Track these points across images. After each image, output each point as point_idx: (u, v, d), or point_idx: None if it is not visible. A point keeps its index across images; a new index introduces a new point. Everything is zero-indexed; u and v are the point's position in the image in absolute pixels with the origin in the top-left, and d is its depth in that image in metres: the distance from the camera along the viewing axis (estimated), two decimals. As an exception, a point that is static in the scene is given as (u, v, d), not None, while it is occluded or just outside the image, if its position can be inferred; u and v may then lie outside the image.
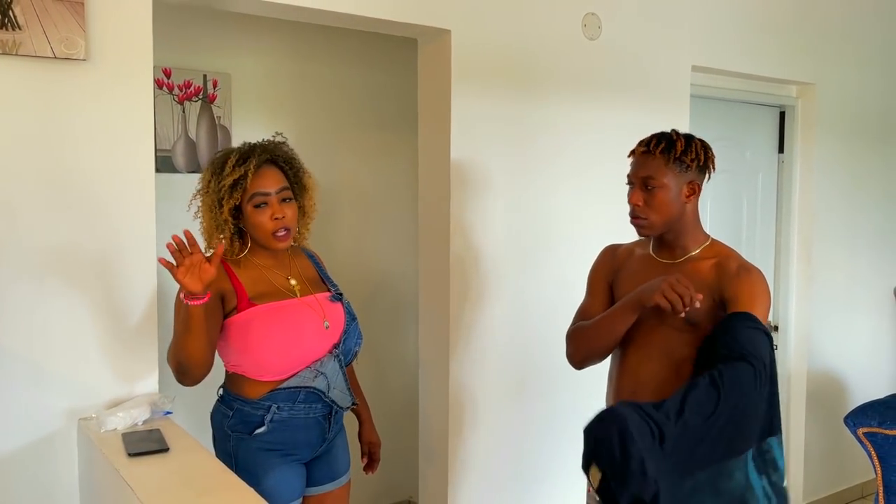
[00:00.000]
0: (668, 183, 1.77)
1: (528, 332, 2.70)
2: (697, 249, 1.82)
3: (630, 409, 1.43)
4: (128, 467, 1.52)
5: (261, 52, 3.07)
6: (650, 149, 1.79)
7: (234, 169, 1.78)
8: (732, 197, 3.53)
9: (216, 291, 1.75)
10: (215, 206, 1.80)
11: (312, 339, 1.85)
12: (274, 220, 1.80)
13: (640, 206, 1.80)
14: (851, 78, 3.72)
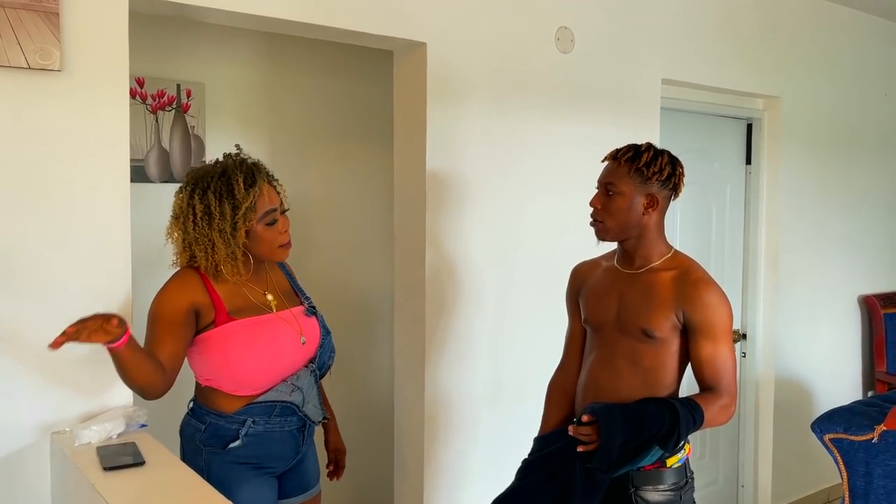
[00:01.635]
0: (626, 191, 1.82)
1: (503, 342, 2.72)
2: (659, 261, 1.86)
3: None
4: (103, 481, 1.50)
5: (235, 61, 3.06)
6: (617, 156, 1.85)
7: (248, 192, 1.75)
8: (701, 207, 3.59)
9: (191, 305, 1.74)
10: (229, 234, 1.74)
11: (290, 354, 1.85)
12: (283, 233, 1.82)
13: (598, 208, 1.87)
14: (815, 91, 3.82)
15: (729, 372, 1.78)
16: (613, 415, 1.73)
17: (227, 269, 1.78)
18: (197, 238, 1.76)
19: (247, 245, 1.80)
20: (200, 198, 1.75)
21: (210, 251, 1.76)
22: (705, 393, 1.79)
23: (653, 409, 1.74)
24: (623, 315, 1.85)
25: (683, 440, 1.77)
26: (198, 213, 1.75)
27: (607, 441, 1.70)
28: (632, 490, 1.80)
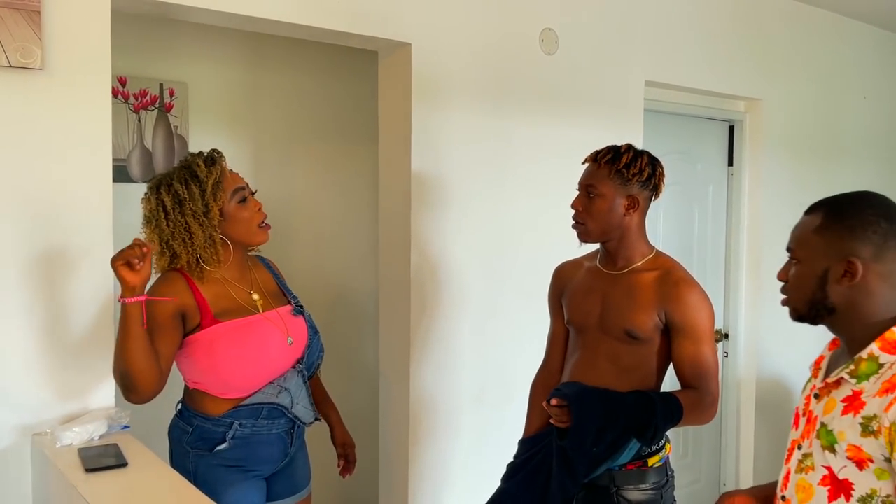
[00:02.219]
0: (607, 193, 1.83)
1: (487, 341, 2.73)
2: (641, 261, 1.87)
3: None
4: (86, 483, 1.49)
5: (219, 61, 3.05)
6: (597, 158, 1.86)
7: (210, 169, 1.76)
8: (684, 208, 3.62)
9: (177, 308, 1.73)
10: (202, 215, 1.74)
11: (277, 355, 1.84)
12: (258, 212, 1.82)
13: (579, 211, 1.88)
14: (795, 94, 3.86)
15: (711, 371, 1.80)
16: (585, 394, 1.75)
17: (208, 257, 1.76)
18: (173, 232, 1.75)
19: (225, 230, 1.79)
20: (167, 191, 1.75)
21: (188, 241, 1.75)
22: (687, 391, 1.80)
23: (630, 399, 1.75)
24: (606, 316, 1.86)
25: (661, 434, 1.77)
26: (167, 206, 1.75)
27: (579, 418, 1.71)
28: (613, 490, 1.81)
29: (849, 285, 1.27)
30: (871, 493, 1.20)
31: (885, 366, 1.24)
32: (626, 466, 1.81)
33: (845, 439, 1.23)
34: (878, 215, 1.27)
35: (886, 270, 1.27)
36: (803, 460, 1.31)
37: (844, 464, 1.23)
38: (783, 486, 1.37)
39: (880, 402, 1.20)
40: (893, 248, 1.26)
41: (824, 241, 1.30)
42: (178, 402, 1.88)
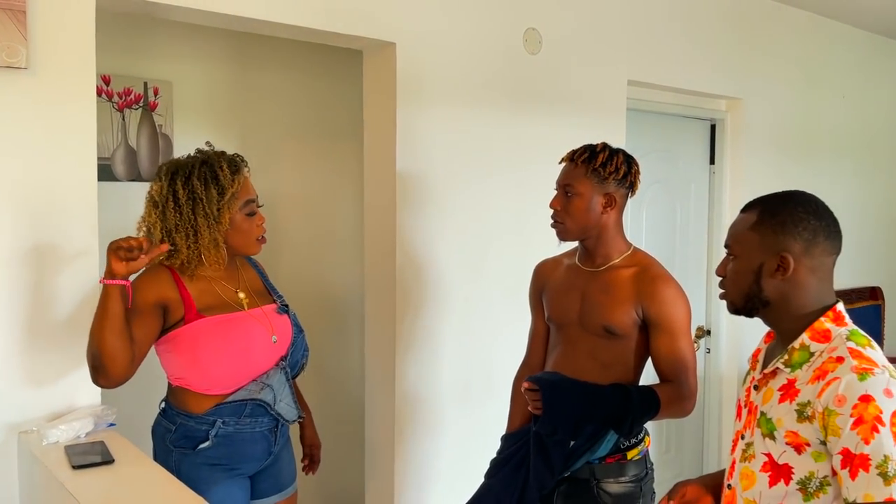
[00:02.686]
0: (584, 192, 1.86)
1: (472, 338, 2.75)
2: (619, 258, 1.91)
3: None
4: (72, 480, 1.50)
5: (203, 60, 3.05)
6: (574, 158, 1.89)
7: (234, 178, 1.78)
8: (666, 206, 3.66)
9: (159, 300, 1.74)
10: (213, 219, 1.76)
11: (260, 352, 1.85)
12: (259, 226, 1.85)
13: (558, 210, 1.91)
14: (775, 93, 3.91)
15: (688, 365, 1.84)
16: (559, 382, 1.79)
17: (209, 258, 1.79)
18: (178, 225, 1.75)
19: (225, 235, 1.81)
20: (183, 184, 1.76)
21: (192, 237, 1.76)
22: (664, 384, 1.84)
23: (607, 391, 1.78)
24: (585, 312, 1.89)
25: (638, 426, 1.81)
26: (181, 199, 1.75)
27: (550, 404, 1.75)
28: (594, 483, 1.85)
29: (781, 279, 1.34)
30: (809, 476, 1.27)
31: (815, 354, 1.31)
32: (606, 459, 1.84)
33: (783, 426, 1.29)
34: (807, 213, 1.35)
35: (815, 264, 1.34)
36: (746, 449, 1.37)
37: (784, 449, 1.29)
38: (729, 475, 1.43)
39: (813, 389, 1.26)
40: (822, 244, 1.34)
41: (759, 237, 1.36)
42: (162, 401, 1.89)
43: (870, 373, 1.21)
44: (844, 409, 1.20)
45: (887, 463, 1.16)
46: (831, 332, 1.32)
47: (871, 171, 4.61)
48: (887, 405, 1.18)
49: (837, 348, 1.28)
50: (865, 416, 1.18)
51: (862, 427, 1.18)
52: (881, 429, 1.17)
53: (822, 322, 1.33)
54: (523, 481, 1.84)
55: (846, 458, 1.19)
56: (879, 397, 1.19)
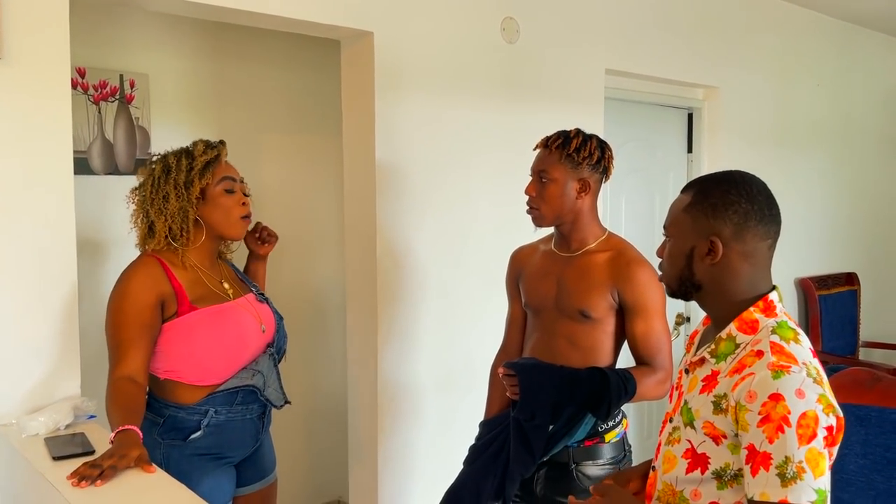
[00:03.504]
0: (558, 177, 1.88)
1: (453, 327, 2.77)
2: (594, 243, 1.92)
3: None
4: (53, 470, 1.49)
5: (180, 52, 3.03)
6: (548, 144, 1.91)
7: (205, 151, 1.80)
8: (645, 195, 3.69)
9: (158, 299, 1.74)
10: (183, 187, 1.76)
11: (252, 340, 1.86)
12: (241, 205, 1.84)
13: (533, 196, 1.92)
14: (751, 82, 3.95)
15: (663, 347, 1.86)
16: (535, 367, 1.80)
17: (177, 230, 1.77)
18: (153, 199, 1.78)
19: (203, 212, 1.80)
20: (162, 160, 1.81)
21: (163, 207, 1.77)
22: (640, 366, 1.86)
23: (584, 374, 1.80)
24: (561, 297, 1.91)
25: (616, 408, 1.81)
26: (156, 175, 1.79)
27: (527, 388, 1.77)
28: (573, 466, 1.87)
29: (711, 263, 1.30)
30: (724, 467, 1.25)
31: (740, 346, 1.27)
32: (585, 443, 1.87)
33: (701, 416, 1.27)
34: (740, 195, 1.29)
35: (748, 250, 1.29)
36: (672, 433, 1.35)
37: (703, 439, 1.27)
38: (655, 457, 1.42)
39: (729, 382, 1.24)
40: (753, 228, 1.29)
41: (691, 219, 1.32)
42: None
43: (785, 371, 1.18)
44: (754, 406, 1.17)
45: (787, 464, 1.14)
46: (759, 323, 1.28)
47: (845, 158, 4.67)
48: (797, 406, 1.15)
49: (761, 341, 1.25)
50: (773, 415, 1.15)
51: (768, 426, 1.15)
52: (787, 429, 1.14)
53: (752, 312, 1.29)
54: (503, 467, 1.86)
55: (750, 454, 1.17)
56: (790, 397, 1.16)
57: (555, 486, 1.87)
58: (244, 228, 1.88)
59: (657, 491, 1.37)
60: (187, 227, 1.79)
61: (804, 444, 1.14)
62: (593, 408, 1.78)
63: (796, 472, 1.13)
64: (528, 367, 1.80)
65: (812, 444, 1.14)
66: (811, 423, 1.15)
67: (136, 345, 1.70)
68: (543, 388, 1.76)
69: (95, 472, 1.41)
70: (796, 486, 1.13)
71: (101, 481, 1.41)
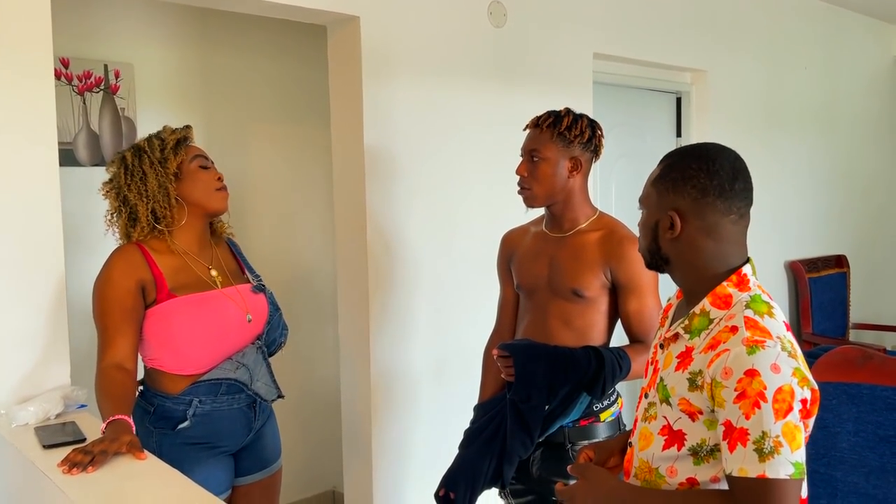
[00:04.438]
0: (550, 156, 1.86)
1: (445, 314, 2.76)
2: (585, 223, 1.92)
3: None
4: (44, 459, 1.48)
5: (165, 41, 3.00)
6: (539, 123, 1.89)
7: (174, 131, 1.81)
8: (635, 179, 3.66)
9: (138, 284, 1.73)
10: (159, 164, 1.75)
11: (234, 331, 1.83)
12: (217, 178, 1.83)
13: (525, 176, 1.90)
14: (739, 65, 3.96)
15: (656, 325, 1.84)
16: (530, 347, 1.79)
17: (161, 210, 1.76)
18: (129, 184, 1.75)
19: (181, 190, 1.79)
20: (131, 148, 1.81)
21: (143, 188, 1.75)
22: (635, 344, 1.86)
23: (578, 353, 1.79)
24: (554, 277, 1.90)
25: (611, 386, 1.81)
26: (128, 161, 1.77)
27: (522, 369, 1.76)
28: (569, 446, 1.87)
29: (673, 238, 1.29)
30: (700, 443, 1.24)
31: (714, 321, 1.26)
32: (580, 422, 1.86)
33: (677, 393, 1.26)
34: (699, 169, 1.27)
35: (707, 225, 1.27)
36: (648, 409, 1.34)
37: (679, 416, 1.27)
38: (632, 434, 1.42)
39: (704, 358, 1.23)
40: (712, 204, 1.26)
41: (656, 192, 1.32)
42: (140, 382, 1.86)
43: (760, 346, 1.17)
44: (730, 382, 1.17)
45: (764, 439, 1.13)
46: (732, 298, 1.27)
47: (833, 140, 4.68)
48: (772, 381, 1.15)
49: (735, 316, 1.24)
50: (749, 391, 1.14)
51: (744, 402, 1.15)
52: (763, 405, 1.14)
53: (725, 287, 1.27)
54: (500, 449, 1.85)
55: (727, 430, 1.17)
56: (765, 372, 1.15)
57: (551, 466, 1.87)
58: (225, 201, 1.87)
59: (634, 467, 1.36)
60: (169, 206, 1.78)
61: (780, 418, 1.14)
62: (588, 387, 1.77)
63: (773, 446, 1.13)
64: (523, 347, 1.80)
65: (788, 417, 1.14)
66: (787, 398, 1.15)
67: (121, 331, 1.69)
68: (538, 368, 1.76)
69: (87, 459, 1.40)
70: (774, 461, 1.13)
71: (93, 467, 1.40)
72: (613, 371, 1.77)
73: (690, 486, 1.27)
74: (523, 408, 1.79)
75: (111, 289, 1.71)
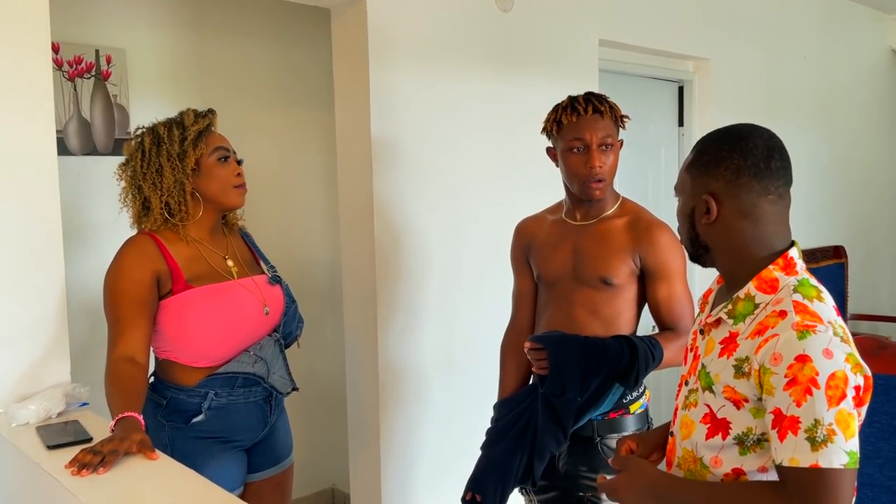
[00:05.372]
0: (615, 143, 1.82)
1: (454, 305, 2.69)
2: (611, 209, 1.85)
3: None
4: (49, 460, 1.39)
5: (158, 25, 2.89)
6: (600, 110, 1.79)
7: (196, 120, 1.72)
8: (638, 169, 3.63)
9: (153, 275, 1.66)
10: (177, 159, 1.68)
11: (251, 323, 1.77)
12: (236, 175, 1.76)
13: (603, 168, 1.79)
14: (740, 54, 3.91)
15: (686, 312, 1.79)
16: (563, 339, 1.72)
17: (175, 205, 1.70)
18: (145, 173, 1.69)
19: (198, 184, 1.73)
20: (150, 132, 1.73)
21: (158, 181, 1.69)
22: (665, 332, 1.79)
23: (610, 343, 1.72)
24: (580, 265, 1.83)
25: (644, 376, 1.74)
26: (146, 147, 1.70)
27: (556, 362, 1.69)
28: (597, 440, 1.80)
29: (709, 223, 1.25)
30: (746, 432, 1.19)
31: (760, 306, 1.22)
32: (609, 415, 1.80)
33: (721, 381, 1.22)
34: (732, 150, 1.23)
35: (744, 207, 1.23)
36: (689, 396, 1.30)
37: (723, 403, 1.22)
38: (673, 423, 1.37)
39: (751, 344, 1.18)
40: (747, 184, 1.22)
41: (690, 178, 1.28)
42: (150, 375, 1.78)
43: (811, 331, 1.12)
44: (779, 369, 1.12)
45: (817, 427, 1.08)
46: (779, 282, 1.22)
47: (831, 131, 4.66)
48: (825, 366, 1.10)
49: (782, 300, 1.19)
50: (800, 377, 1.10)
51: (795, 388, 1.10)
52: (815, 391, 1.09)
53: (771, 270, 1.22)
54: (530, 446, 1.78)
55: (777, 418, 1.12)
56: (817, 358, 1.10)
57: (579, 460, 1.81)
58: (242, 196, 1.80)
59: (676, 457, 1.32)
60: (185, 201, 1.71)
61: (834, 405, 1.09)
62: (622, 377, 1.71)
63: (826, 434, 1.08)
64: (556, 339, 1.72)
65: (841, 405, 1.09)
66: (840, 384, 1.10)
67: (134, 323, 1.62)
68: (572, 360, 1.68)
69: (97, 459, 1.32)
70: (827, 450, 1.08)
71: (104, 468, 1.32)
72: (647, 360, 1.70)
73: (736, 477, 1.21)
74: (557, 402, 1.71)
75: (125, 280, 1.64)
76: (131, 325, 1.62)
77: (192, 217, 1.73)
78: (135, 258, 1.67)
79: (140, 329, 1.62)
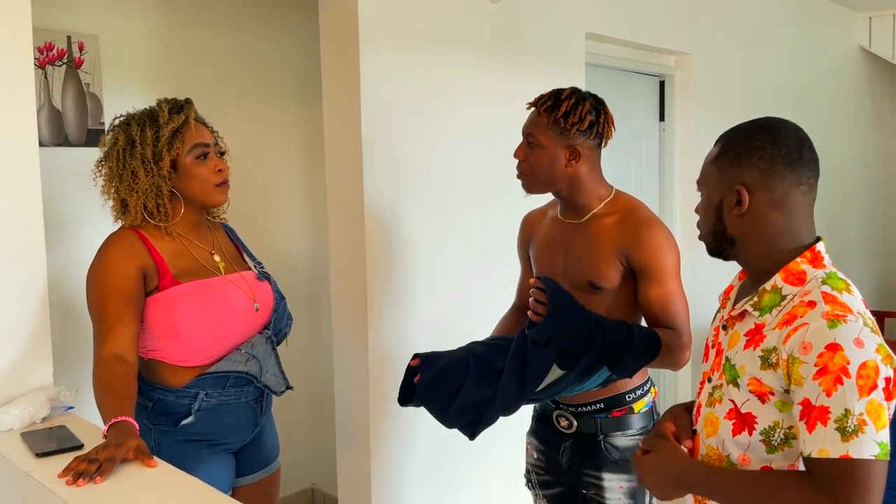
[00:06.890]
0: (546, 144, 1.72)
1: (444, 302, 2.64)
2: (600, 205, 1.77)
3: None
4: (38, 468, 1.31)
5: (132, 12, 2.78)
6: (537, 105, 1.75)
7: (171, 117, 1.63)
8: (620, 164, 3.62)
9: (139, 270, 1.59)
10: (152, 161, 1.60)
11: (242, 321, 1.70)
12: (217, 172, 1.67)
13: (521, 161, 1.76)
14: (722, 50, 3.93)
15: (681, 311, 1.72)
16: (569, 298, 1.63)
17: (152, 207, 1.63)
18: (120, 175, 1.62)
19: (178, 184, 1.66)
20: (125, 130, 1.64)
21: (133, 184, 1.61)
22: (664, 329, 1.71)
23: (610, 323, 1.64)
24: (570, 269, 1.78)
25: (633, 364, 1.66)
26: (120, 146, 1.62)
27: (554, 311, 1.59)
28: (601, 437, 1.77)
29: (740, 215, 1.24)
30: (773, 426, 1.18)
31: (787, 297, 1.20)
32: (613, 413, 1.76)
33: (746, 373, 1.20)
34: (765, 140, 1.23)
35: (777, 197, 1.22)
36: (713, 393, 1.28)
37: (747, 397, 1.20)
38: (695, 421, 1.34)
39: (779, 334, 1.17)
40: (781, 173, 1.21)
41: (718, 170, 1.26)
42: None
43: (842, 320, 1.11)
44: (809, 358, 1.10)
45: (847, 417, 1.06)
46: (807, 274, 1.21)
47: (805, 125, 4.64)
48: (856, 356, 1.08)
49: (811, 292, 1.17)
50: (830, 367, 1.08)
51: (825, 378, 1.08)
52: (846, 381, 1.07)
53: (798, 263, 1.21)
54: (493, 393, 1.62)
55: (805, 409, 1.10)
56: (848, 347, 1.09)
57: (582, 457, 1.77)
58: (224, 194, 1.73)
59: (700, 455, 1.30)
60: (163, 203, 1.64)
61: (865, 395, 1.08)
62: (611, 360, 1.62)
63: (857, 424, 1.07)
64: (564, 293, 1.63)
65: (872, 395, 1.08)
66: (871, 374, 1.09)
67: (122, 319, 1.55)
68: (570, 317, 1.59)
69: (93, 468, 1.25)
70: (858, 440, 1.06)
71: (101, 477, 1.24)
72: (641, 348, 1.63)
73: None
74: (533, 353, 1.59)
75: (111, 274, 1.57)
76: (119, 321, 1.55)
77: (173, 217, 1.67)
78: (120, 252, 1.60)
79: (128, 326, 1.55)
